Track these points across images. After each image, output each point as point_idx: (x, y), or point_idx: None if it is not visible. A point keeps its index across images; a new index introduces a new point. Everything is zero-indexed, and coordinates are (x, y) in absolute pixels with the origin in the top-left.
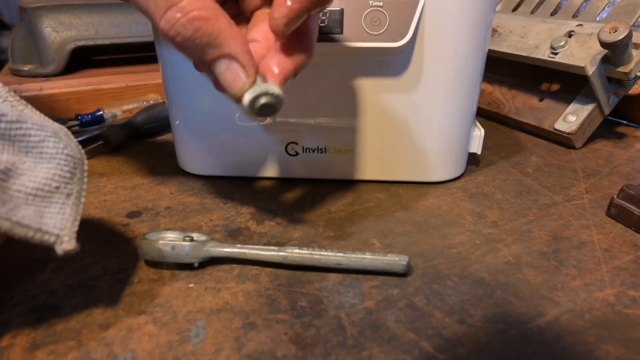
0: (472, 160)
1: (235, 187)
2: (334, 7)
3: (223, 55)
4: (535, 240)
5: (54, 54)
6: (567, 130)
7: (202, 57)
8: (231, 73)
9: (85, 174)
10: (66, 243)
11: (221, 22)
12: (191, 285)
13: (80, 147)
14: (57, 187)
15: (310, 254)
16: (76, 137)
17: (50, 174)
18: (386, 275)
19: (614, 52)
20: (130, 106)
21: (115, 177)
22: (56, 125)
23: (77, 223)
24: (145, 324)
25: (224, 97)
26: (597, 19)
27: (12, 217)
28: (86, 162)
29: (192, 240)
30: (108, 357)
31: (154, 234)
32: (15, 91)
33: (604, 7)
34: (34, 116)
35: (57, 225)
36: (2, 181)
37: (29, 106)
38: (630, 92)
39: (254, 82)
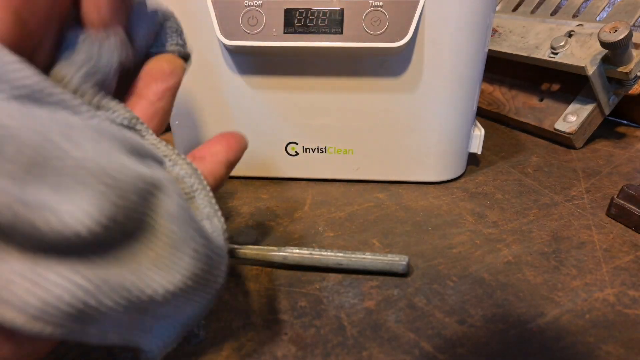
0: (472, 160)
1: (235, 187)
2: (334, 7)
3: None
4: (536, 240)
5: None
6: (567, 130)
7: None
8: None
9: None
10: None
11: None
12: None
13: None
14: (185, 318)
15: (310, 254)
16: None
17: (192, 307)
18: (386, 275)
19: (614, 52)
20: None
21: None
22: (227, 255)
23: (174, 345)
24: None
25: (224, 98)
26: (597, 19)
27: (123, 339)
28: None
29: None
30: (108, 357)
31: None
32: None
33: (604, 7)
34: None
35: (157, 345)
36: (150, 306)
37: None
38: (630, 92)
39: None
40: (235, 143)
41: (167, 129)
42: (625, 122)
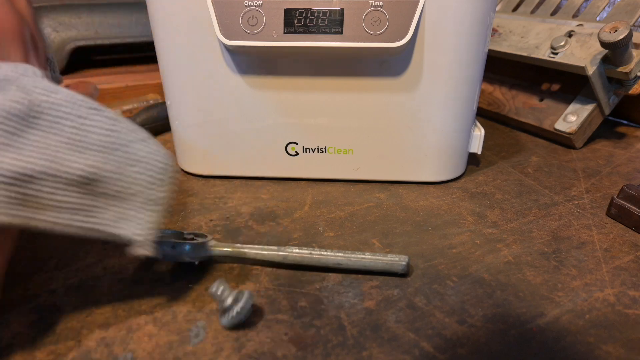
0: (472, 160)
1: (235, 187)
2: (334, 7)
3: None
4: (536, 240)
5: (53, 54)
6: (568, 130)
7: None
8: None
9: (173, 181)
10: (141, 247)
11: None
12: (191, 285)
13: (167, 154)
14: (140, 192)
15: (310, 254)
16: None
17: (135, 178)
18: (386, 275)
19: (614, 52)
20: (130, 106)
21: None
22: (143, 131)
23: (154, 230)
24: (145, 324)
25: (224, 98)
26: (597, 18)
27: (87, 224)
28: (173, 169)
29: (192, 239)
30: (108, 357)
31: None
32: (94, 101)
33: (604, 7)
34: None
35: (133, 230)
36: (87, 185)
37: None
38: (630, 92)
39: None
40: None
41: (167, 128)
42: (625, 122)
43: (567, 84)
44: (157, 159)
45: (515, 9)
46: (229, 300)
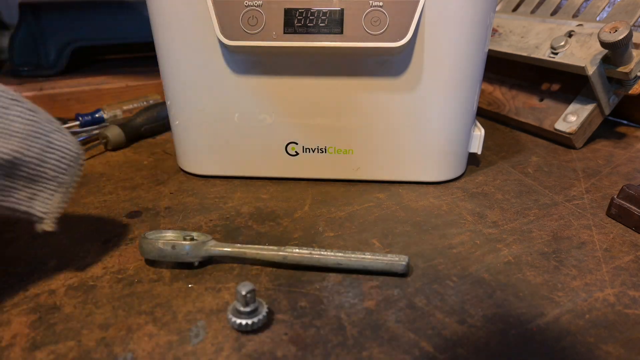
0: (472, 160)
1: (235, 187)
2: (334, 7)
3: None
4: (536, 240)
5: (54, 54)
6: (568, 130)
7: None
8: None
9: (81, 168)
10: (46, 225)
11: None
12: (191, 285)
13: (78, 143)
14: (55, 176)
15: (310, 254)
16: (76, 137)
17: (51, 164)
18: (386, 275)
19: (614, 52)
20: (130, 106)
21: (115, 177)
22: (58, 122)
23: (60, 210)
24: (145, 324)
25: (224, 98)
26: (597, 18)
27: (4, 202)
28: (84, 157)
29: (192, 239)
30: (108, 357)
31: (154, 234)
32: (14, 91)
33: (604, 7)
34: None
35: (43, 209)
36: (8, 168)
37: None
38: (630, 92)
39: None
40: None
41: (167, 128)
42: (625, 122)
43: (567, 84)
44: (71, 148)
45: (515, 9)
46: (248, 309)
